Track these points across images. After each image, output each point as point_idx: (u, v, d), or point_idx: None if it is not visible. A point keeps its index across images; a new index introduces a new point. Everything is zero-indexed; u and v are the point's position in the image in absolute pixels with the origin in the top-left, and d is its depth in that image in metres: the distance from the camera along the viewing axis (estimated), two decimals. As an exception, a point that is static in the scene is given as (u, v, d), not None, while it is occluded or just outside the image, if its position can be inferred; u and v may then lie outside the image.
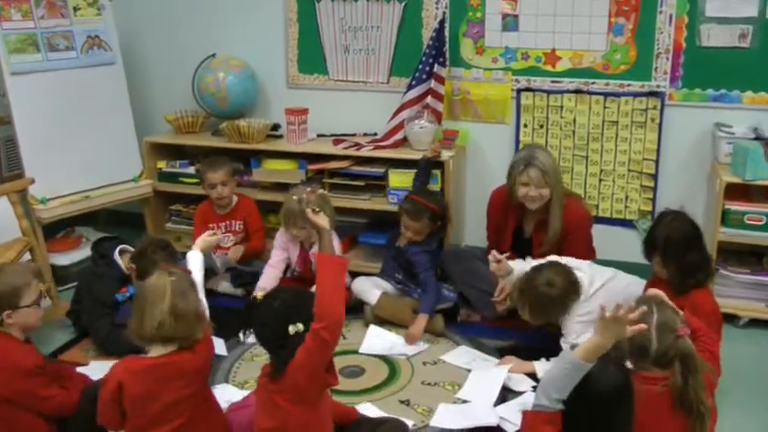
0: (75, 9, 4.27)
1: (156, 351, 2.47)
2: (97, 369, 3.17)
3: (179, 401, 2.46)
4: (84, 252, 4.35)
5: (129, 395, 2.46)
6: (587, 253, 3.67)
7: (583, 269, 3.34)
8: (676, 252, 3.04)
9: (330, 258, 2.47)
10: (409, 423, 2.90)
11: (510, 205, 3.64)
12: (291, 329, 2.32)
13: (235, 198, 4.26)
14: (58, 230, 4.51)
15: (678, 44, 3.92)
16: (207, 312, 2.71)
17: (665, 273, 3.10)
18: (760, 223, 3.63)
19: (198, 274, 2.97)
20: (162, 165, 4.67)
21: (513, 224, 3.70)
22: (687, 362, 2.30)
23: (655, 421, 2.32)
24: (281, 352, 2.36)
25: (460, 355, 3.49)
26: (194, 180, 4.54)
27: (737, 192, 3.66)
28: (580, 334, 3.14)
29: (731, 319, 3.66)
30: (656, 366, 2.35)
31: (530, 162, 3.50)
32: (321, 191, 3.77)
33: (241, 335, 2.49)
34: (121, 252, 3.64)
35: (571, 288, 3.24)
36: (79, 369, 3.16)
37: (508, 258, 3.49)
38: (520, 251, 3.68)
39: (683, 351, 2.32)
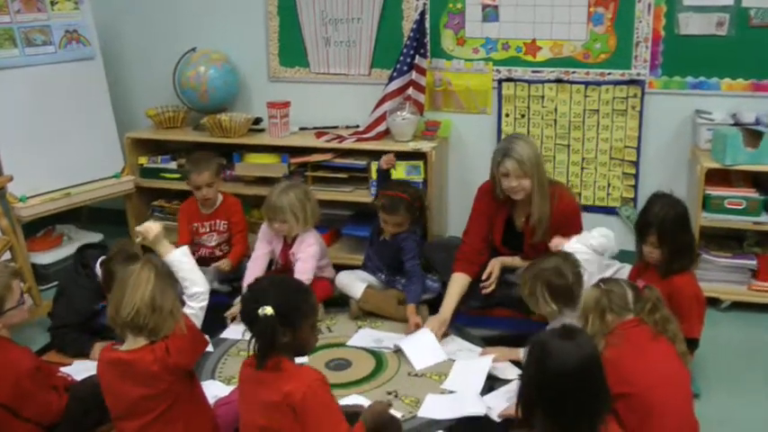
0: (53, 3, 4.23)
1: (128, 343, 2.48)
2: (80, 369, 3.16)
3: (144, 399, 2.45)
4: (65, 250, 4.33)
5: (102, 385, 2.53)
6: None
7: (591, 260, 3.27)
8: (673, 230, 3.06)
9: None
10: (397, 414, 2.89)
11: (498, 199, 3.63)
12: (260, 312, 2.30)
13: (220, 197, 4.15)
14: (38, 229, 4.47)
15: (657, 33, 3.95)
16: (198, 319, 2.67)
17: (657, 253, 3.10)
18: (740, 207, 3.68)
19: (190, 274, 2.71)
20: (144, 160, 4.64)
21: (504, 217, 3.68)
22: (656, 300, 2.69)
23: (644, 350, 2.58)
24: (257, 338, 2.37)
25: (446, 345, 3.49)
26: (176, 176, 4.52)
27: (718, 177, 3.69)
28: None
29: (713, 302, 3.70)
30: (633, 312, 2.67)
31: (506, 153, 3.46)
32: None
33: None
34: (103, 263, 3.58)
35: (577, 282, 3.16)
36: (63, 369, 3.14)
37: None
38: (512, 244, 3.69)
39: (651, 295, 2.70)
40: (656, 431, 2.46)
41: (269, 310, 2.30)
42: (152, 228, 2.75)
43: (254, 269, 3.89)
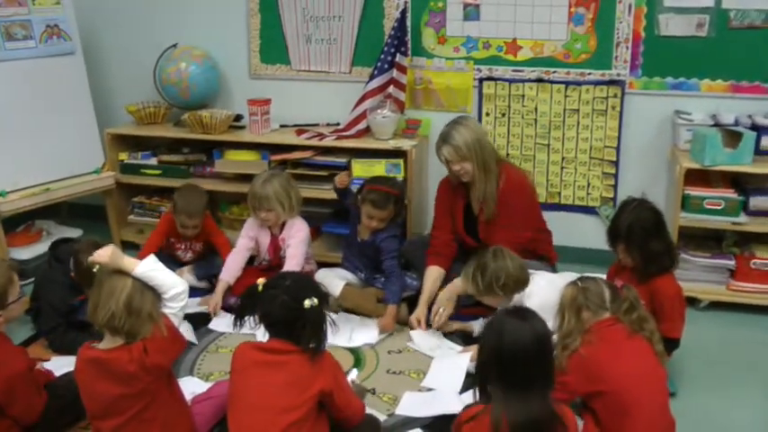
0: (33, -2, 4.20)
1: (106, 341, 2.46)
2: (60, 364, 3.15)
3: (121, 398, 2.44)
4: (44, 246, 4.26)
5: (79, 383, 2.50)
6: (528, 222, 3.68)
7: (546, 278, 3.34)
8: (640, 240, 3.07)
9: None
10: (374, 411, 2.90)
11: (455, 186, 3.69)
12: (307, 303, 2.43)
13: None
14: (18, 224, 4.44)
15: (637, 33, 3.96)
16: (178, 318, 2.63)
17: (629, 260, 3.13)
18: (719, 208, 3.70)
19: (165, 279, 2.55)
20: (124, 156, 4.62)
21: (462, 204, 3.73)
22: (633, 300, 2.72)
23: (620, 349, 2.62)
24: (297, 332, 2.44)
25: (427, 337, 3.51)
26: (157, 172, 4.50)
27: (697, 177, 3.71)
28: None
29: (692, 302, 3.72)
30: (609, 311, 2.70)
31: (444, 140, 3.57)
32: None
33: (237, 324, 2.53)
34: (74, 256, 3.54)
35: (521, 274, 3.26)
36: (43, 364, 3.13)
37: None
38: (474, 231, 3.72)
39: (629, 295, 2.73)
40: (633, 429, 2.48)
41: (315, 300, 2.46)
42: (102, 252, 2.49)
43: (232, 264, 3.89)
